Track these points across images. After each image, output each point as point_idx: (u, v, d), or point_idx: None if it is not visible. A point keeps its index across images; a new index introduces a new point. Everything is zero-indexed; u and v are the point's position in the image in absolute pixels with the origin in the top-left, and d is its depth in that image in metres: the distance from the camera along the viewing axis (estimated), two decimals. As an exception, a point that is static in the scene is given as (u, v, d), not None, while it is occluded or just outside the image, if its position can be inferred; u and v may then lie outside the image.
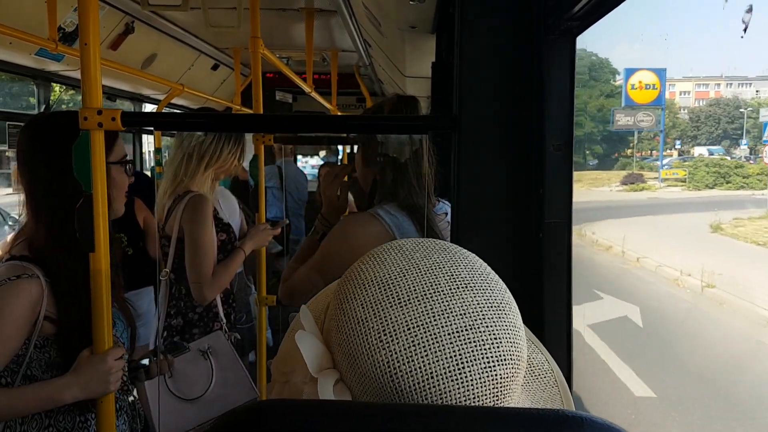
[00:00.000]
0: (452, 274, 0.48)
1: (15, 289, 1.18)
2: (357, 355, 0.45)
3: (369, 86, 5.86)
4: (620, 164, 36.72)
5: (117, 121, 1.14)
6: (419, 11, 2.06)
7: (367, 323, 0.46)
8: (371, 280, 0.48)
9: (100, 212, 1.16)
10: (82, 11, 1.16)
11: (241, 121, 2.02)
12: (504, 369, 0.45)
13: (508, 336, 0.46)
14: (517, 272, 0.95)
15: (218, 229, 2.09)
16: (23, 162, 1.26)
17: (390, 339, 0.45)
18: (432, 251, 0.50)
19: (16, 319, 1.18)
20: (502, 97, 0.96)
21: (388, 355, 0.44)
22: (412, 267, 0.48)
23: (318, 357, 0.48)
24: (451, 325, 0.45)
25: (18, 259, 1.22)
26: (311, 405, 0.43)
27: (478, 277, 0.48)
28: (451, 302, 0.46)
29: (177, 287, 2.08)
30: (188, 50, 4.11)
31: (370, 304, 0.46)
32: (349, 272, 0.50)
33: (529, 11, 0.95)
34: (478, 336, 0.45)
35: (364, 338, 0.45)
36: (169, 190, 2.08)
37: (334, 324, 0.48)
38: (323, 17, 3.45)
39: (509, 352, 0.46)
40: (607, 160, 38.71)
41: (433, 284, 0.47)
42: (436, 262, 0.48)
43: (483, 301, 0.47)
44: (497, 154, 0.96)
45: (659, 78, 29.81)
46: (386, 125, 1.29)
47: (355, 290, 0.48)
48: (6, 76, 3.56)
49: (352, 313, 0.47)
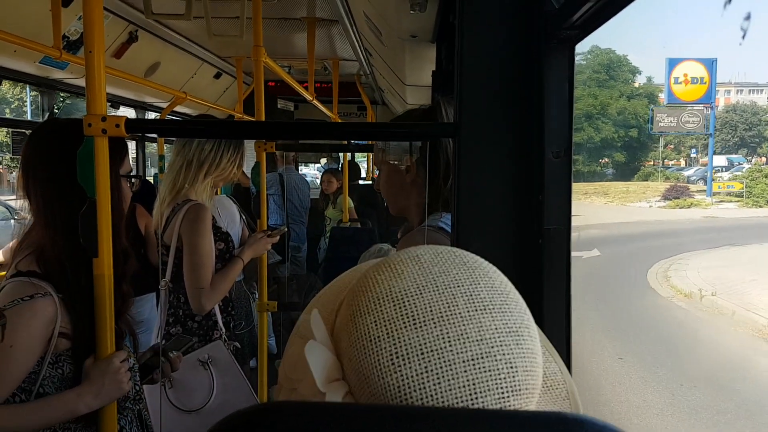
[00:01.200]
0: (471, 293, 0.46)
1: (30, 310, 1.16)
2: (367, 374, 0.44)
3: (370, 95, 5.88)
4: (642, 173, 34.32)
5: (121, 127, 1.15)
6: (420, 20, 2.08)
7: (379, 342, 0.44)
8: (386, 294, 0.46)
9: (104, 218, 1.17)
10: (87, 20, 1.17)
11: (244, 128, 2.04)
12: (518, 400, 0.44)
13: (525, 365, 0.45)
14: (516, 279, 0.95)
15: (216, 237, 2.09)
16: (31, 168, 1.25)
17: (402, 362, 0.43)
18: (451, 266, 0.48)
19: (33, 340, 1.17)
20: (502, 104, 0.97)
21: (399, 380, 0.43)
22: (429, 284, 0.46)
23: (327, 368, 0.46)
24: (467, 352, 0.43)
25: (26, 275, 1.19)
26: (318, 406, 0.44)
27: (497, 298, 0.46)
28: (468, 326, 0.44)
29: (175, 296, 2.08)
30: (191, 59, 4.13)
31: (383, 322, 0.45)
32: (364, 282, 0.48)
33: (529, 20, 0.96)
34: (494, 365, 0.43)
35: (375, 358, 0.44)
36: (168, 198, 2.07)
37: (345, 336, 0.47)
38: (325, 26, 3.48)
39: (524, 382, 0.44)
40: (626, 169, 36.11)
41: (450, 305, 0.45)
42: (455, 279, 0.46)
43: (501, 326, 0.45)
44: (497, 161, 0.97)
45: (708, 70, 24.61)
46: (387, 132, 1.30)
47: (369, 304, 0.46)
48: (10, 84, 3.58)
49: (364, 329, 0.45)
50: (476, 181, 0.97)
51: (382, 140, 1.34)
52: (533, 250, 0.95)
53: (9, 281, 1.20)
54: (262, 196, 2.37)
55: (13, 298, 1.16)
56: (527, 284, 0.95)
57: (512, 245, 0.96)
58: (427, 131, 1.25)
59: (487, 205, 0.97)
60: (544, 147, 0.94)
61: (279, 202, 4.71)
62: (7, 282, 1.20)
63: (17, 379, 1.17)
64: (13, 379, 1.17)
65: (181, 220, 2.00)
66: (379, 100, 6.36)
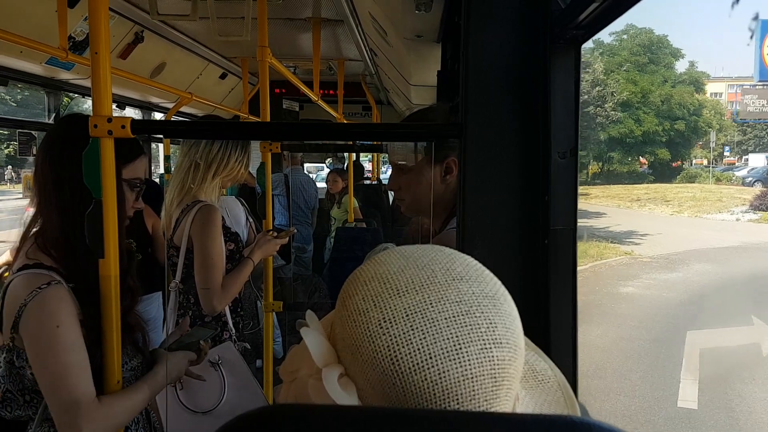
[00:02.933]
0: (448, 268, 0.50)
1: (54, 295, 1.15)
2: (359, 343, 0.48)
3: (375, 95, 5.89)
4: (686, 174, 30.01)
5: (127, 128, 1.15)
6: (425, 20, 2.07)
7: (367, 313, 0.48)
8: (372, 276, 0.50)
9: (110, 218, 1.17)
10: (93, 20, 1.17)
11: (250, 129, 2.04)
12: (500, 351, 0.47)
13: (504, 322, 0.48)
14: (523, 279, 0.96)
15: (226, 238, 2.09)
16: (46, 164, 1.25)
17: (389, 325, 0.47)
18: (429, 251, 0.53)
19: (72, 317, 1.16)
20: (508, 104, 0.96)
21: (388, 340, 0.46)
22: (410, 264, 0.51)
23: (323, 352, 0.50)
24: (448, 311, 0.47)
25: (32, 267, 1.19)
26: (322, 409, 0.44)
27: (473, 272, 0.51)
28: (447, 292, 0.48)
29: (185, 297, 2.08)
30: (197, 59, 4.14)
31: (370, 296, 0.49)
32: (352, 275, 0.53)
33: (535, 20, 0.96)
34: (474, 320, 0.47)
35: (365, 327, 0.48)
36: (177, 200, 2.07)
37: (337, 320, 0.50)
38: (330, 27, 3.48)
39: (504, 336, 0.48)
40: (666, 169, 31.56)
41: (429, 277, 0.49)
42: (433, 258, 0.51)
43: (478, 291, 0.49)
44: (503, 161, 0.97)
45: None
46: (392, 133, 1.30)
47: (357, 287, 0.50)
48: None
49: (353, 306, 0.49)
50: (482, 181, 0.96)
51: (388, 141, 1.34)
52: (539, 251, 0.95)
53: (17, 274, 1.19)
54: (267, 196, 2.37)
55: (30, 289, 1.15)
56: (533, 285, 0.95)
57: (518, 246, 0.96)
58: (432, 132, 1.25)
59: (492, 206, 0.96)
60: (550, 147, 0.93)
61: (284, 203, 4.72)
62: (16, 275, 1.19)
63: (85, 356, 1.16)
64: (85, 356, 1.16)
65: (191, 222, 2.00)
66: (384, 100, 6.36)
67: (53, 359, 1.13)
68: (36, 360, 1.14)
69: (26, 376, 1.17)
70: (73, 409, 1.12)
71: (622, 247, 12.57)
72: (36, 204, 1.27)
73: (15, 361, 1.17)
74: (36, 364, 1.15)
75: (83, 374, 1.15)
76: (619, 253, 11.86)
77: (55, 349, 1.13)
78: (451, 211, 1.27)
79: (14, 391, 1.18)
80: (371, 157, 9.29)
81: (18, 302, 1.15)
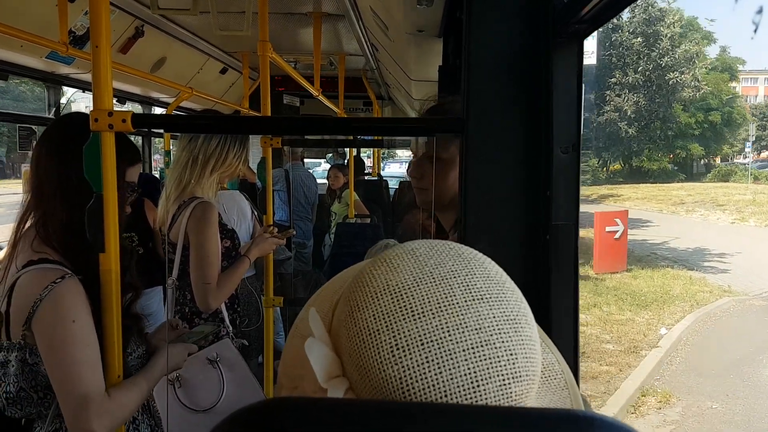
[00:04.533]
0: (467, 284, 0.46)
1: (68, 289, 1.15)
2: (368, 368, 0.44)
3: (376, 90, 5.88)
4: (718, 172, 27.35)
5: (128, 122, 1.15)
6: (426, 15, 2.07)
7: (378, 335, 0.44)
8: (383, 288, 0.46)
9: (110, 213, 1.17)
10: (94, 14, 1.17)
11: (250, 123, 2.04)
12: (519, 386, 0.44)
13: (524, 351, 0.45)
14: (524, 275, 0.95)
15: (223, 235, 2.08)
16: (51, 157, 1.24)
17: (403, 354, 0.43)
18: (447, 257, 0.48)
19: (86, 309, 1.16)
20: (510, 99, 0.96)
21: (400, 371, 0.43)
22: (425, 276, 0.46)
23: (327, 365, 0.47)
24: (467, 341, 0.43)
25: (38, 263, 1.18)
26: (325, 403, 0.43)
27: (493, 287, 0.47)
28: (467, 316, 0.44)
29: (182, 293, 2.08)
30: (197, 54, 4.13)
31: (382, 315, 0.45)
32: (360, 277, 0.48)
33: (537, 14, 0.95)
34: (494, 352, 0.44)
35: (375, 351, 0.44)
36: (174, 195, 2.06)
37: (344, 332, 0.47)
38: (331, 21, 3.47)
39: (524, 369, 0.45)
40: (691, 166, 28.70)
41: (447, 296, 0.45)
42: (451, 270, 0.47)
43: (499, 314, 0.45)
44: (504, 156, 0.97)
45: None
46: (393, 127, 1.30)
47: (367, 299, 0.46)
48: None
49: (363, 323, 0.45)
50: (483, 176, 0.96)
51: (389, 135, 1.34)
52: (541, 247, 0.95)
53: (26, 270, 1.17)
54: (268, 191, 2.37)
55: (43, 285, 1.14)
56: (535, 280, 0.95)
57: (520, 241, 0.96)
58: (433, 126, 1.25)
59: (494, 201, 0.96)
60: (552, 142, 0.93)
61: (284, 198, 4.71)
62: (24, 272, 1.17)
63: (97, 350, 1.16)
64: (97, 351, 1.16)
65: (187, 218, 1.99)
66: (385, 96, 6.35)
67: (68, 355, 1.13)
68: (49, 355, 1.14)
69: (40, 373, 1.16)
70: (84, 404, 1.13)
71: (708, 277, 9.45)
72: (32, 197, 1.26)
73: (28, 358, 1.16)
74: (49, 359, 1.14)
75: (95, 369, 1.16)
76: (714, 292, 8.46)
77: (71, 344, 1.13)
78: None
79: (28, 388, 1.17)
80: (371, 153, 9.26)
81: (31, 298, 1.14)
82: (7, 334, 1.18)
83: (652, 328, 6.84)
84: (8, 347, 1.17)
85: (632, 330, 6.71)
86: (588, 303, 7.59)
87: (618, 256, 9.36)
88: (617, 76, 27.64)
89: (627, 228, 9.35)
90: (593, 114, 28.28)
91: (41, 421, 1.21)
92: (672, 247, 12.10)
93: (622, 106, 27.74)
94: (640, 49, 27.19)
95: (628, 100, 27.58)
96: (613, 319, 7.07)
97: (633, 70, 27.36)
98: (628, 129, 27.86)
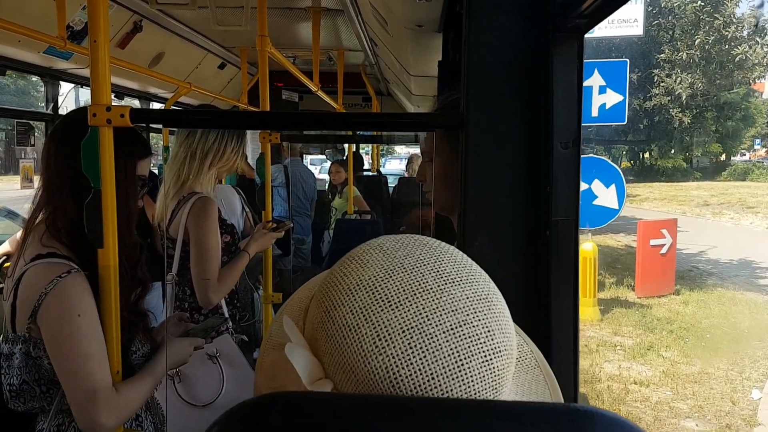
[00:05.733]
0: (437, 270, 0.47)
1: (75, 283, 1.15)
2: (352, 363, 0.44)
3: (375, 85, 5.87)
4: (734, 170, 24.91)
5: (126, 117, 1.14)
6: (426, 10, 2.06)
7: (359, 330, 0.45)
8: (357, 283, 0.47)
9: (109, 208, 1.17)
10: (92, 9, 1.16)
11: (249, 118, 2.03)
12: (500, 360, 0.46)
13: (500, 327, 0.47)
14: (524, 270, 0.95)
15: (222, 230, 2.08)
16: (60, 154, 1.24)
17: (385, 343, 0.44)
18: (413, 248, 0.49)
19: (92, 305, 1.17)
20: (510, 95, 0.96)
21: (385, 361, 0.44)
22: (396, 267, 0.47)
23: (310, 369, 0.47)
24: (445, 323, 0.45)
25: (46, 256, 1.18)
26: (317, 397, 0.43)
27: (462, 271, 0.48)
28: (441, 299, 0.46)
29: (181, 289, 2.08)
30: (195, 49, 4.12)
31: (359, 309, 0.45)
32: (332, 277, 0.49)
33: (537, 9, 0.95)
34: (473, 331, 0.45)
35: (358, 345, 0.44)
36: (173, 191, 2.06)
37: (321, 333, 0.47)
38: (330, 16, 3.46)
39: (503, 344, 0.46)
40: (703, 163, 25.84)
41: (420, 283, 0.46)
42: (420, 259, 0.48)
43: (471, 294, 0.47)
44: (504, 152, 0.96)
45: None
46: (394, 123, 1.29)
47: (342, 296, 0.47)
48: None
49: (342, 320, 0.46)
50: (483, 172, 0.96)
51: (388, 131, 1.33)
52: (541, 242, 0.94)
53: (33, 264, 1.18)
54: (267, 187, 2.37)
55: (49, 278, 1.15)
56: (535, 276, 0.95)
57: (520, 237, 0.96)
58: (433, 122, 1.24)
59: (494, 197, 0.96)
60: (552, 138, 0.93)
61: (283, 194, 4.71)
62: (31, 265, 1.18)
63: (103, 345, 1.16)
64: (103, 345, 1.16)
65: (187, 214, 1.99)
66: (384, 91, 6.34)
67: (74, 349, 1.13)
68: (56, 349, 1.14)
69: (43, 366, 1.17)
70: (92, 399, 1.13)
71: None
72: (43, 193, 1.26)
73: (31, 351, 1.16)
74: (55, 354, 1.14)
75: (102, 363, 1.16)
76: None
77: (77, 338, 1.13)
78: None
79: (31, 381, 1.18)
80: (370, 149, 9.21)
81: (37, 291, 1.14)
82: (12, 326, 1.18)
83: (738, 387, 4.98)
84: (13, 339, 1.18)
85: (712, 392, 4.83)
86: (641, 345, 5.83)
87: (665, 275, 7.55)
88: (666, 51, 22.10)
89: (676, 241, 7.47)
90: (637, 98, 22.34)
91: (44, 415, 1.21)
92: (712, 258, 10.39)
93: (674, 88, 22.15)
94: (698, 14, 21.57)
95: (682, 82, 22.01)
96: (681, 373, 5.21)
97: (686, 44, 21.83)
98: (683, 117, 22.66)
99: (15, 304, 1.17)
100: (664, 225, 7.46)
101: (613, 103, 5.83)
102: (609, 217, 5.93)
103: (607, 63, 6.05)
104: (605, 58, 10.20)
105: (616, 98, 5.82)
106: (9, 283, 1.22)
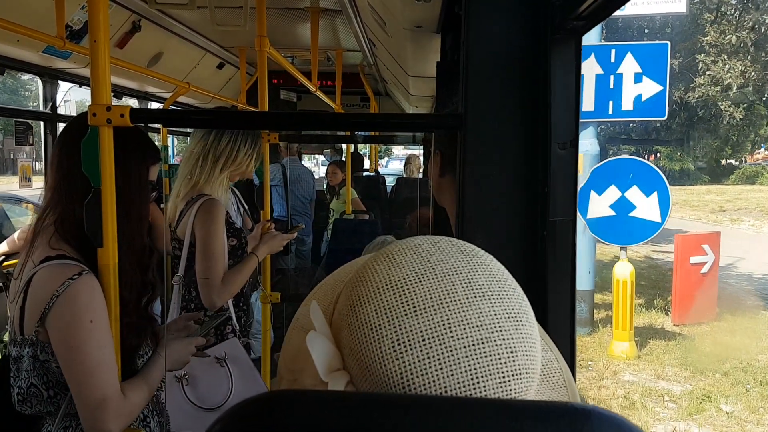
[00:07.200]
0: (469, 281, 0.46)
1: (87, 286, 1.14)
2: (369, 362, 0.44)
3: (373, 86, 5.87)
4: (741, 173, 23.06)
5: (126, 117, 1.15)
6: (424, 11, 2.06)
7: (380, 330, 0.44)
8: (386, 283, 0.46)
9: (109, 208, 1.17)
10: (92, 9, 1.17)
11: (247, 119, 2.03)
12: (518, 383, 0.44)
13: (524, 349, 0.45)
14: (521, 270, 0.96)
15: (229, 233, 2.08)
16: (71, 156, 1.23)
17: (404, 349, 0.43)
18: (449, 254, 0.48)
19: (104, 313, 1.16)
20: (508, 95, 0.96)
21: (401, 366, 0.43)
22: (428, 272, 0.46)
23: (328, 359, 0.47)
24: (468, 338, 0.44)
25: (55, 258, 1.16)
26: (320, 396, 0.44)
27: (495, 285, 0.47)
28: (468, 312, 0.45)
29: (187, 290, 2.08)
30: (194, 49, 4.12)
31: (384, 310, 0.45)
32: (363, 272, 0.48)
33: (535, 11, 0.95)
34: (495, 350, 0.44)
35: (377, 346, 0.44)
36: (183, 192, 2.07)
37: (345, 326, 0.47)
38: (328, 16, 3.46)
39: (524, 366, 0.45)
40: (711, 166, 23.79)
41: (449, 292, 0.45)
42: (454, 267, 0.47)
43: (500, 311, 0.45)
44: (502, 152, 0.97)
45: None
46: (392, 123, 1.30)
47: (369, 294, 0.46)
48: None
49: (365, 318, 0.45)
50: (481, 172, 0.97)
51: (387, 131, 1.34)
52: (538, 242, 0.95)
53: (43, 266, 1.16)
54: (265, 187, 2.37)
55: (60, 281, 1.13)
56: (532, 276, 0.96)
57: (517, 237, 0.96)
58: (431, 123, 1.25)
59: (492, 197, 0.97)
60: (550, 138, 0.94)
61: (282, 194, 4.71)
62: (41, 267, 1.16)
63: (113, 350, 1.16)
64: (112, 351, 1.15)
65: (194, 215, 1.99)
66: (382, 92, 6.34)
67: (86, 355, 1.12)
68: (67, 356, 1.13)
69: (51, 369, 1.16)
70: (102, 406, 1.12)
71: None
72: (52, 195, 1.25)
73: (39, 354, 1.15)
74: (66, 360, 1.13)
75: (112, 370, 1.15)
76: None
77: (88, 344, 1.12)
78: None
79: (39, 385, 1.17)
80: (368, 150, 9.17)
81: (48, 293, 1.12)
82: (20, 329, 1.17)
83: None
84: (22, 342, 1.17)
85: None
86: (693, 394, 4.49)
87: (707, 299, 6.12)
88: (711, 33, 16.93)
89: (719, 258, 6.11)
90: (677, 89, 17.85)
91: (51, 418, 1.20)
92: (743, 272, 8.89)
93: (722, 77, 17.24)
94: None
95: (732, 69, 16.99)
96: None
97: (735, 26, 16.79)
98: (734, 112, 17.98)
99: (24, 306, 1.16)
100: (706, 240, 6.08)
101: (651, 94, 4.83)
102: (650, 232, 4.85)
103: (644, 46, 5.06)
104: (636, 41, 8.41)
105: (654, 88, 4.83)
106: (17, 285, 1.20)
